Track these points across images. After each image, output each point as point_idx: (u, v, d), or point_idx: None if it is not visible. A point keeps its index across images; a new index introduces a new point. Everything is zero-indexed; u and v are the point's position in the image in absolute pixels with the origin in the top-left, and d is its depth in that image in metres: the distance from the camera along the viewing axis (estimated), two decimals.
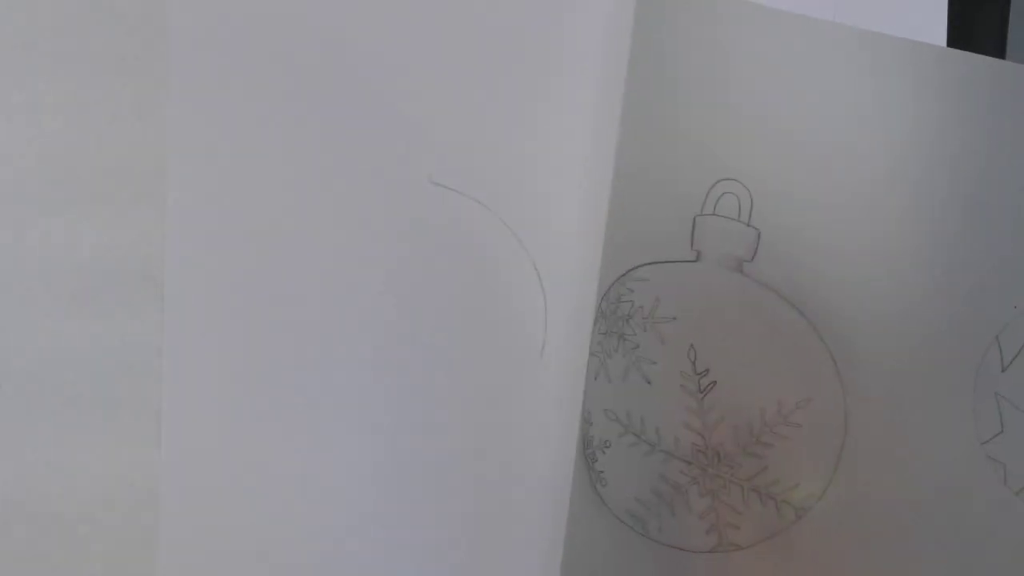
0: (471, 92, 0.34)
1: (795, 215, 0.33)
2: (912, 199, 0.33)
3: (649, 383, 0.34)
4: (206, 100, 0.32)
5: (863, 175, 0.33)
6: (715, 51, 0.33)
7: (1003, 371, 0.33)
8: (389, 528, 0.34)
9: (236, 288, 0.33)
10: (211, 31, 0.31)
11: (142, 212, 0.31)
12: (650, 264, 0.34)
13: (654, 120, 0.33)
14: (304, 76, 0.32)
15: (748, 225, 0.33)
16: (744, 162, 0.33)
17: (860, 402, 0.33)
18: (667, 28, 0.33)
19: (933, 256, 0.33)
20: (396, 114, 0.33)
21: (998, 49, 0.37)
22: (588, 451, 0.35)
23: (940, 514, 0.33)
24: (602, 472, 0.35)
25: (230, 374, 0.33)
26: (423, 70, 0.33)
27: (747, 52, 0.33)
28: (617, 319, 0.34)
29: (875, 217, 0.33)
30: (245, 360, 0.33)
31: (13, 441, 0.31)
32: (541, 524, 0.35)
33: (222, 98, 0.32)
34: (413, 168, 0.33)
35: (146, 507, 0.32)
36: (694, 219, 0.33)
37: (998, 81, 0.33)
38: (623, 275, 0.34)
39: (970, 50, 0.33)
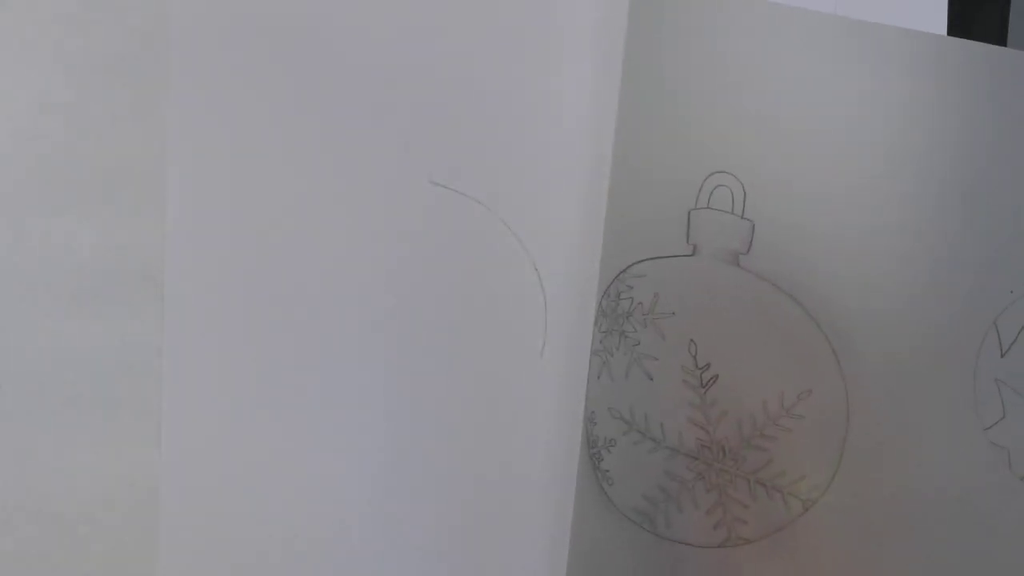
0: (470, 92, 0.34)
1: (790, 206, 0.33)
2: (909, 187, 0.33)
3: (651, 379, 0.34)
4: (206, 100, 0.32)
5: (858, 165, 0.33)
6: (709, 44, 0.33)
7: (1002, 356, 0.33)
8: (392, 529, 0.34)
9: (236, 288, 0.32)
10: (211, 31, 0.32)
11: (142, 212, 0.31)
12: (648, 260, 0.34)
13: (649, 114, 0.34)
14: (304, 76, 0.33)
15: (742, 217, 0.33)
16: (737, 155, 0.33)
17: (861, 391, 0.33)
18: (662, 21, 0.34)
19: (931, 243, 0.33)
20: (396, 114, 0.33)
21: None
22: (593, 451, 0.35)
23: (946, 501, 0.33)
24: (608, 471, 0.34)
25: (230, 374, 0.32)
26: (422, 70, 0.33)
27: (741, 45, 0.33)
28: (617, 316, 0.34)
29: (871, 206, 0.33)
30: (245, 360, 0.33)
31: (13, 441, 0.31)
32: (544, 524, 0.35)
33: (222, 99, 0.32)
34: (413, 168, 0.34)
35: (146, 507, 0.31)
36: (688, 213, 0.34)
37: (997, 68, 0.32)
38: (622, 272, 0.34)
39: None
